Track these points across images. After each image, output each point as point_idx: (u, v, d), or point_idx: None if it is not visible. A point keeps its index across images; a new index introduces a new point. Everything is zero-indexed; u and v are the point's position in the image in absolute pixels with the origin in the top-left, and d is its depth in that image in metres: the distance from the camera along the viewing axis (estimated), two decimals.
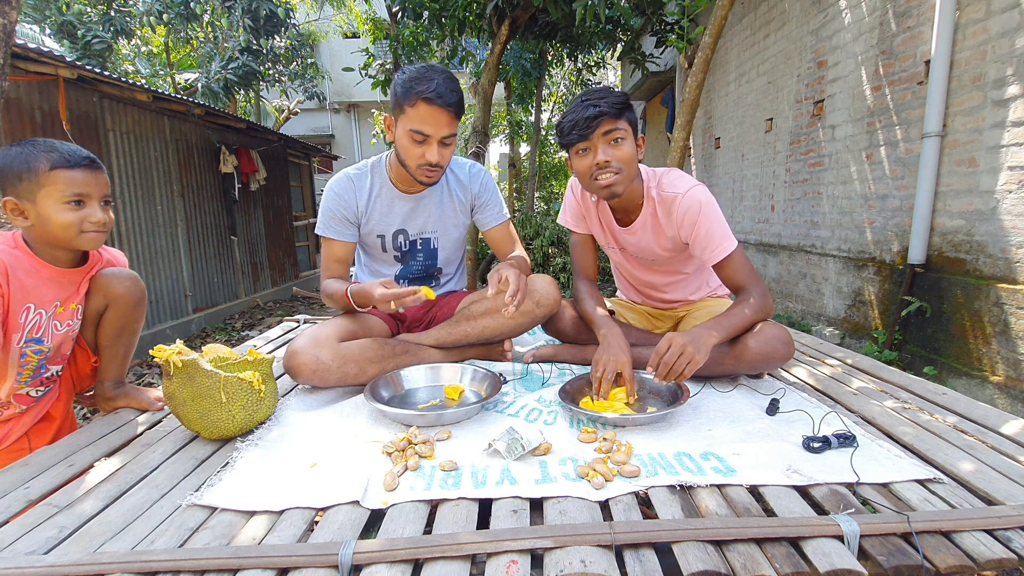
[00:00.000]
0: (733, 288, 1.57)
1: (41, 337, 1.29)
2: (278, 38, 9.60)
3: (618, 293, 2.11)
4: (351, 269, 1.83)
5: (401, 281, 1.83)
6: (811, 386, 1.56)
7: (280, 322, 2.55)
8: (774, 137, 4.76)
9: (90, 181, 1.25)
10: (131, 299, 1.41)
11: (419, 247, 1.78)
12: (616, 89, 1.54)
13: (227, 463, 1.14)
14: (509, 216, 1.86)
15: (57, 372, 1.40)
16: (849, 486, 0.99)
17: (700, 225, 1.54)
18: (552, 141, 15.07)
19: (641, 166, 1.64)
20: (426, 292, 1.44)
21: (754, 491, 1.00)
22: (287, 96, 12.40)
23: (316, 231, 1.73)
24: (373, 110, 13.12)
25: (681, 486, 0.99)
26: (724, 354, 1.48)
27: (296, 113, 12.44)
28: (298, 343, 1.47)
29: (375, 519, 0.95)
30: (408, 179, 1.67)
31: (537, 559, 0.81)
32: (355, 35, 13.36)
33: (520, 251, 1.83)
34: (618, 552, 0.82)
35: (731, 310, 1.47)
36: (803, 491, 0.99)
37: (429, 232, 1.77)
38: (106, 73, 4.26)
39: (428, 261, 1.82)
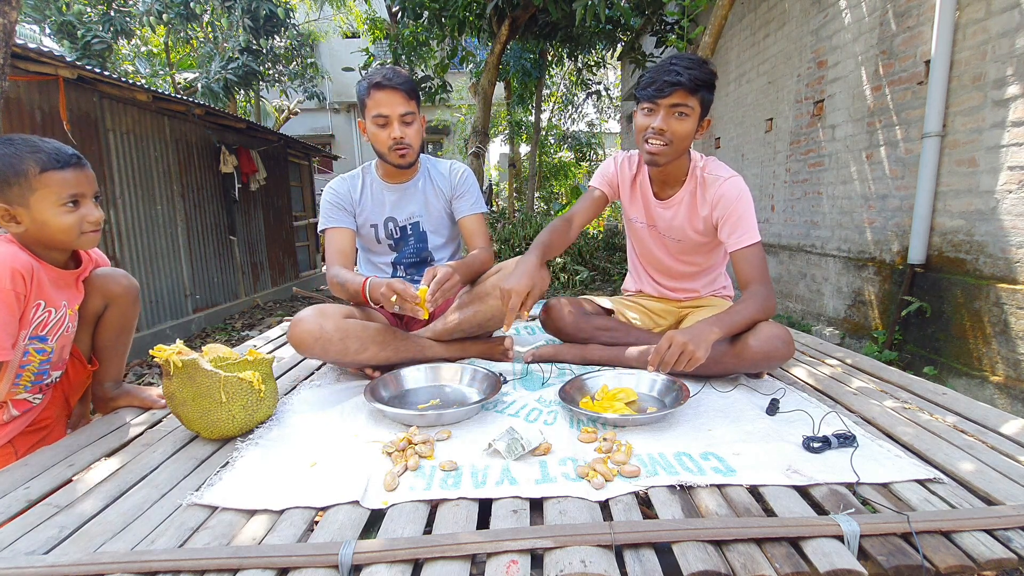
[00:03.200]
0: (744, 281, 1.59)
1: (46, 335, 1.27)
2: (278, 38, 9.61)
3: (626, 282, 2.08)
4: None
5: (397, 267, 1.94)
6: (811, 386, 1.56)
7: (280, 322, 2.56)
8: (774, 137, 4.76)
9: (82, 180, 1.24)
10: (129, 297, 1.44)
11: (409, 232, 1.90)
12: (708, 65, 1.54)
13: (227, 463, 1.14)
14: (485, 212, 1.96)
15: (56, 378, 1.38)
16: (849, 486, 0.99)
17: (735, 210, 1.59)
18: (552, 141, 15.08)
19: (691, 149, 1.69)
20: (423, 299, 1.49)
21: (754, 491, 1.00)
22: (287, 96, 12.40)
23: (319, 230, 1.86)
24: None
25: (681, 486, 0.99)
26: (724, 352, 1.48)
27: (296, 113, 12.44)
28: (303, 313, 1.54)
29: (375, 519, 0.95)
30: (392, 171, 1.83)
31: (537, 559, 0.81)
32: (355, 35, 13.35)
33: (485, 251, 1.86)
34: (618, 552, 0.82)
35: (734, 307, 1.48)
36: (803, 491, 0.99)
37: (416, 216, 1.90)
38: (106, 73, 4.26)
39: (419, 245, 1.92)
